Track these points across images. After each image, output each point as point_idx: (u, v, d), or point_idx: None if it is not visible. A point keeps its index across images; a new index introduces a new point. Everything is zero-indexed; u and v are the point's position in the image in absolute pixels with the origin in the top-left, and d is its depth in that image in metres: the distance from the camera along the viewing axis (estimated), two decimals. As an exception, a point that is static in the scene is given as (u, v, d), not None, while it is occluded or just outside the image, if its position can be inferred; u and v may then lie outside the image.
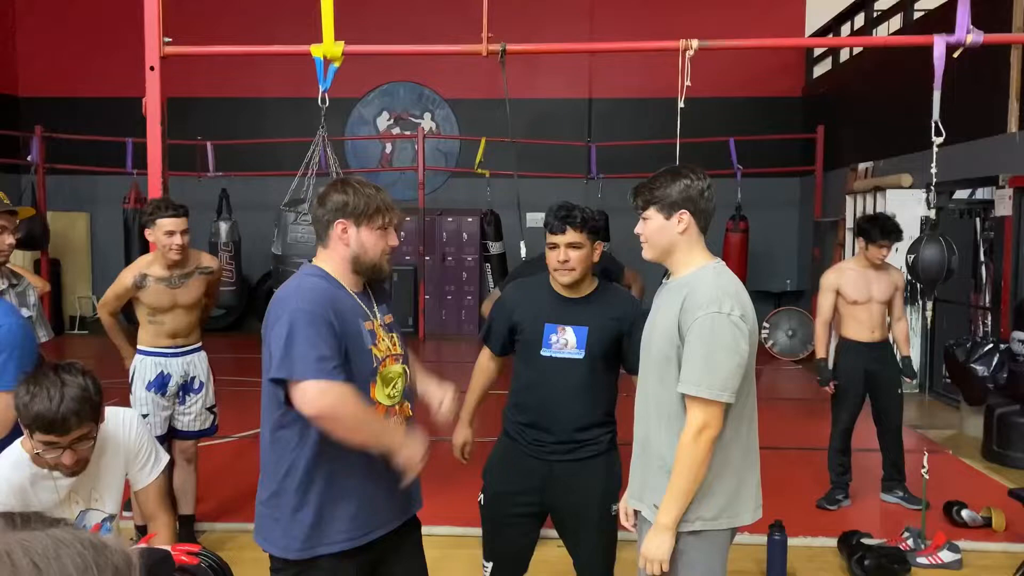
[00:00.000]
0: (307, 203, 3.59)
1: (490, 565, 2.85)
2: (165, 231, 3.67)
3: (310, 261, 2.26)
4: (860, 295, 4.67)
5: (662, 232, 2.20)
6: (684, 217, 2.18)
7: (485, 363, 2.95)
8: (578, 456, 2.70)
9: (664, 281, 2.30)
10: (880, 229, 4.59)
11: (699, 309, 2.09)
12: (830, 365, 4.89)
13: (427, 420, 2.35)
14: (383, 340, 2.18)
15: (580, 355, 2.66)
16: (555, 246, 2.64)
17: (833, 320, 4.84)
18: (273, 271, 3.72)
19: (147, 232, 3.74)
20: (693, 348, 2.09)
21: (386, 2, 11.13)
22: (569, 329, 2.67)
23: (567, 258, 2.63)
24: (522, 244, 4.37)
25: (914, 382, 4.94)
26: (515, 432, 2.79)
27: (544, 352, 2.68)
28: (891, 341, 4.84)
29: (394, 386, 2.18)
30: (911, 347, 5.02)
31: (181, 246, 3.69)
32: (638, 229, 2.26)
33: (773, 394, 8.61)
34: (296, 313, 2.03)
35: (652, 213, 2.21)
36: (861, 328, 4.71)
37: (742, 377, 2.13)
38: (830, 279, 4.78)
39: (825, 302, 4.77)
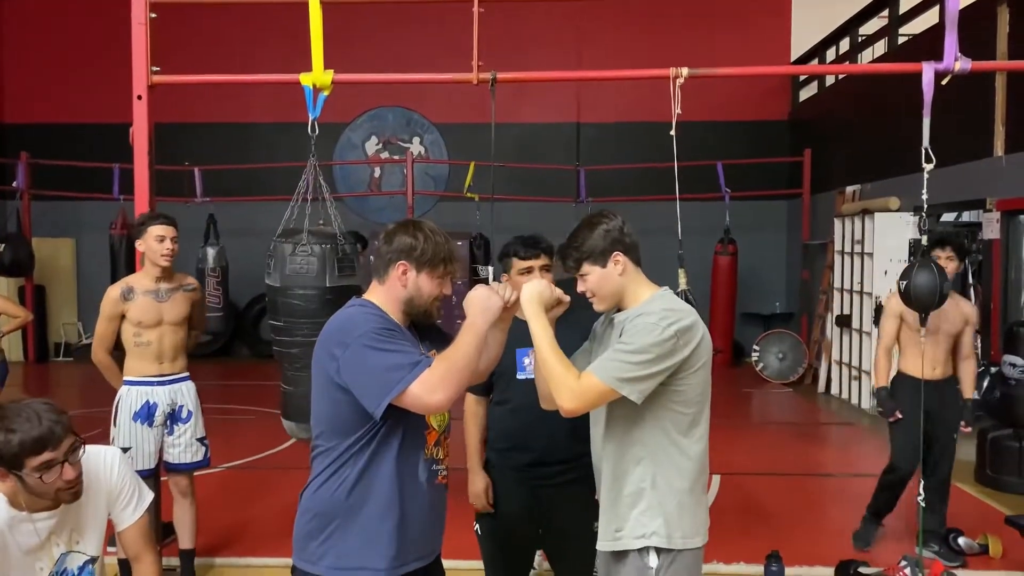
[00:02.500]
0: (304, 233, 3.58)
1: None
2: (156, 236, 3.73)
3: (313, 291, 2.27)
4: (928, 324, 4.11)
5: (605, 281, 2.24)
6: (619, 258, 2.23)
7: (474, 408, 3.01)
8: (565, 479, 2.80)
9: (612, 315, 2.32)
10: (938, 243, 4.24)
11: (637, 320, 2.14)
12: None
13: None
14: None
15: None
16: (529, 269, 2.78)
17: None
18: (269, 303, 3.68)
19: (138, 243, 3.77)
20: (616, 345, 2.14)
21: (374, 28, 11.16)
22: None
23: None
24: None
25: (971, 430, 4.42)
26: (501, 460, 2.90)
27: (520, 376, 2.79)
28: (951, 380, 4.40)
29: (443, 416, 2.26)
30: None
31: (172, 251, 3.76)
32: (580, 288, 2.29)
33: (764, 418, 8.59)
34: (363, 337, 2.04)
35: (588, 267, 2.25)
36: (917, 362, 4.21)
37: (693, 390, 2.16)
38: (894, 304, 4.30)
39: (888, 328, 4.37)
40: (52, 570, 2.19)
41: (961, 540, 4.36)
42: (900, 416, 4.30)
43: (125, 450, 3.73)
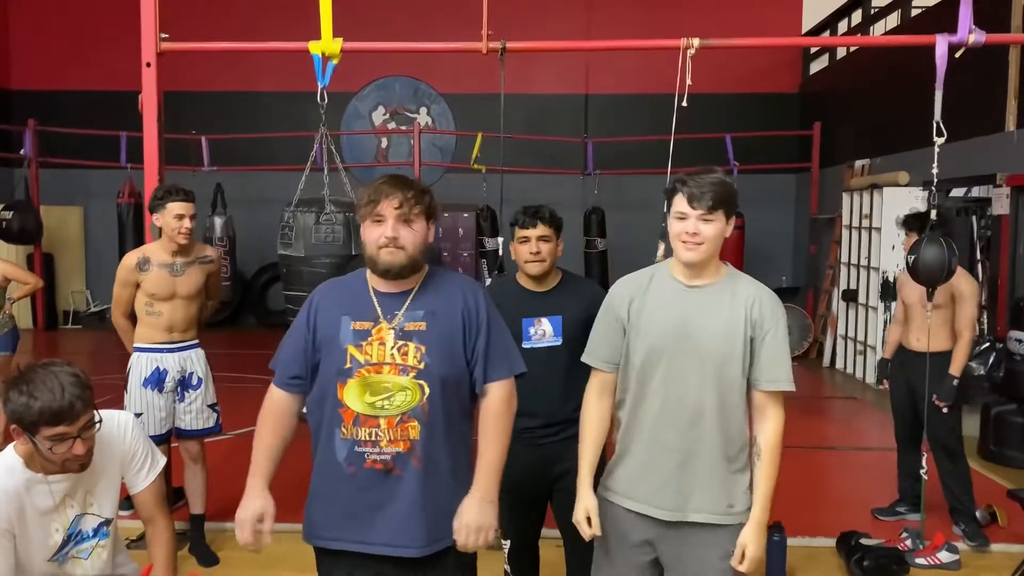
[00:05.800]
0: (327, 203, 3.58)
1: (508, 543, 3.03)
2: (175, 214, 3.73)
3: (340, 260, 2.36)
4: (907, 296, 4.37)
5: (720, 235, 2.13)
6: (731, 222, 2.18)
7: None
8: (566, 435, 2.83)
9: (678, 283, 2.23)
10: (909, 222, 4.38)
11: (776, 309, 2.19)
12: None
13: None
14: (374, 344, 2.01)
15: (559, 342, 2.84)
16: (527, 239, 2.82)
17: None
18: (288, 273, 3.66)
19: (155, 217, 3.77)
20: (779, 345, 2.17)
21: (382, -4, 11.06)
22: (544, 320, 2.85)
23: (538, 249, 2.81)
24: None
25: (942, 406, 4.20)
26: None
27: (525, 345, 2.84)
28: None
29: (388, 398, 2.00)
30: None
31: (190, 230, 3.76)
32: (693, 228, 2.08)
33: (769, 391, 8.62)
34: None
35: (720, 216, 2.10)
36: (907, 334, 4.42)
37: None
38: (900, 279, 4.50)
39: (897, 302, 4.59)
40: (67, 531, 2.24)
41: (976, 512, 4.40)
42: (885, 387, 4.58)
43: (137, 416, 3.78)
